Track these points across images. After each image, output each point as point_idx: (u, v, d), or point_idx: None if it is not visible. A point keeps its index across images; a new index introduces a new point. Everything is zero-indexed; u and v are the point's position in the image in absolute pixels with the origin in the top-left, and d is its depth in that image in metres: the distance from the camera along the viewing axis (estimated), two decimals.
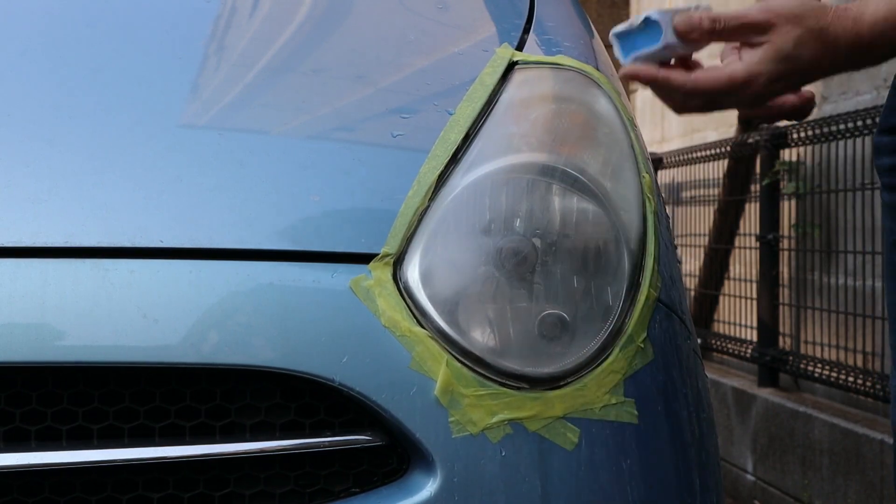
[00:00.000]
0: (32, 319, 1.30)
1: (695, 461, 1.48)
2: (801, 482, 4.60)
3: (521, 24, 1.67)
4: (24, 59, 1.56)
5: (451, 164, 1.44)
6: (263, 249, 1.36)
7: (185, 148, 1.44)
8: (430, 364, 1.35)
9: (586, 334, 1.41)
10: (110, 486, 1.33)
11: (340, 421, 1.36)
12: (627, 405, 1.41)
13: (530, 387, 1.38)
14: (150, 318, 1.32)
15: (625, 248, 1.44)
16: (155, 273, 1.33)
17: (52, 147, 1.41)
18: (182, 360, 1.32)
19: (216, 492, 1.34)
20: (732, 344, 5.60)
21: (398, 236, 1.39)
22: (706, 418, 1.53)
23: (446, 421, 1.35)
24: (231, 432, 1.35)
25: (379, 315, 1.36)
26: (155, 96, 1.51)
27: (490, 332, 1.39)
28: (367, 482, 1.37)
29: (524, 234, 1.41)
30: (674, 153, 6.47)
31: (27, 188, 1.36)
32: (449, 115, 1.48)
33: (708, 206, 6.04)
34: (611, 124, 1.53)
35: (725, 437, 5.25)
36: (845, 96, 5.01)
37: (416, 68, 1.65)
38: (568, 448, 1.38)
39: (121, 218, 1.35)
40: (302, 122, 1.52)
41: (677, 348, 1.49)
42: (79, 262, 1.33)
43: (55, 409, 1.32)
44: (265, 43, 1.69)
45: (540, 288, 1.40)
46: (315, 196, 1.40)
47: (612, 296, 1.43)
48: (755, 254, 5.35)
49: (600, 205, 1.44)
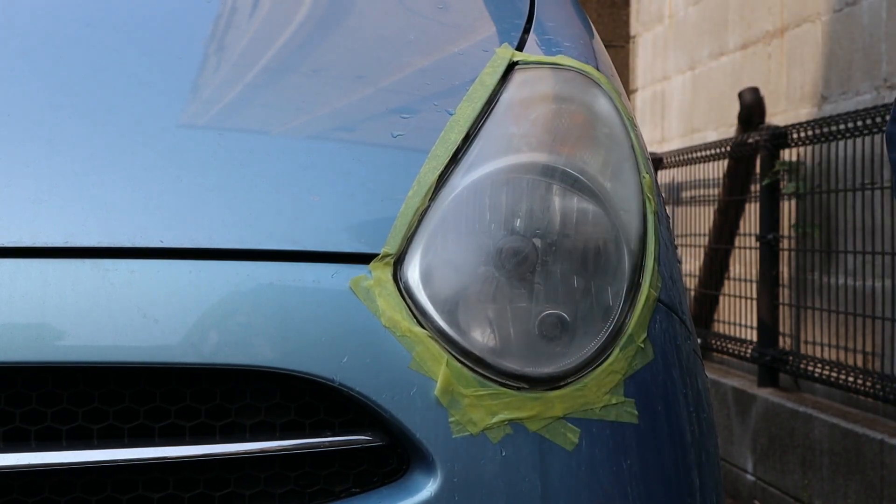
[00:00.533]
0: (32, 319, 1.30)
1: (695, 461, 1.48)
2: (801, 482, 4.60)
3: (521, 24, 1.67)
4: (24, 59, 1.56)
5: (451, 165, 1.44)
6: (263, 249, 1.36)
7: (185, 148, 1.44)
8: (431, 364, 1.35)
9: (586, 334, 1.40)
10: (110, 486, 1.33)
11: (340, 421, 1.36)
12: (627, 405, 1.41)
13: (530, 387, 1.38)
14: (150, 318, 1.32)
15: (625, 248, 1.44)
16: (155, 273, 1.33)
17: (52, 147, 1.41)
18: (182, 360, 1.32)
19: (216, 492, 1.34)
20: (732, 344, 5.60)
21: (398, 236, 1.39)
22: (706, 418, 1.53)
23: (446, 421, 1.35)
24: (231, 432, 1.35)
25: (379, 315, 1.36)
26: (155, 96, 1.51)
27: (490, 332, 1.39)
28: (367, 482, 1.37)
29: (524, 234, 1.41)
30: (674, 153, 6.47)
31: (27, 188, 1.36)
32: (449, 115, 1.48)
33: (708, 206, 6.04)
34: (611, 124, 1.53)
35: (725, 437, 5.25)
36: (845, 96, 5.01)
37: (416, 68, 1.65)
38: (568, 448, 1.38)
39: (121, 218, 1.35)
40: (302, 122, 1.52)
41: (677, 348, 1.49)
42: (79, 262, 1.32)
43: (55, 409, 1.32)
44: (265, 43, 1.69)
45: (540, 288, 1.40)
46: (315, 196, 1.40)
47: (612, 296, 1.43)
48: (755, 254, 5.35)
49: (600, 205, 1.44)
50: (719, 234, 5.90)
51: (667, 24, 7.52)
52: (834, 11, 5.13)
